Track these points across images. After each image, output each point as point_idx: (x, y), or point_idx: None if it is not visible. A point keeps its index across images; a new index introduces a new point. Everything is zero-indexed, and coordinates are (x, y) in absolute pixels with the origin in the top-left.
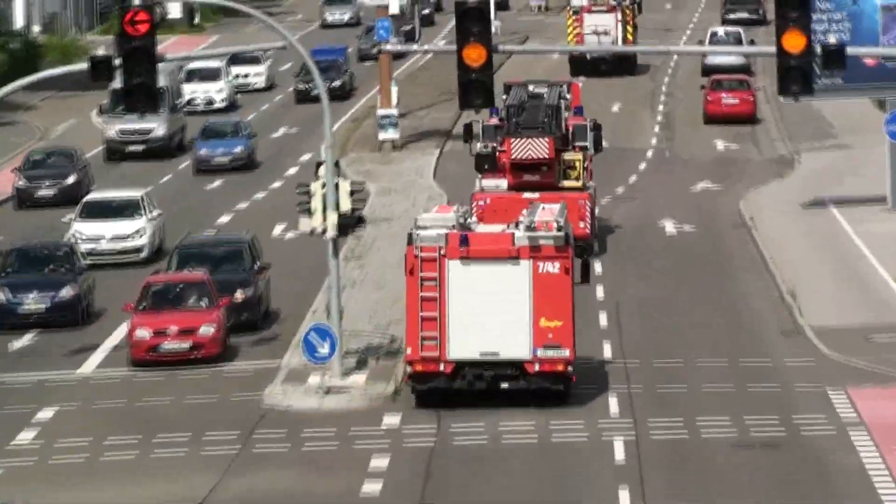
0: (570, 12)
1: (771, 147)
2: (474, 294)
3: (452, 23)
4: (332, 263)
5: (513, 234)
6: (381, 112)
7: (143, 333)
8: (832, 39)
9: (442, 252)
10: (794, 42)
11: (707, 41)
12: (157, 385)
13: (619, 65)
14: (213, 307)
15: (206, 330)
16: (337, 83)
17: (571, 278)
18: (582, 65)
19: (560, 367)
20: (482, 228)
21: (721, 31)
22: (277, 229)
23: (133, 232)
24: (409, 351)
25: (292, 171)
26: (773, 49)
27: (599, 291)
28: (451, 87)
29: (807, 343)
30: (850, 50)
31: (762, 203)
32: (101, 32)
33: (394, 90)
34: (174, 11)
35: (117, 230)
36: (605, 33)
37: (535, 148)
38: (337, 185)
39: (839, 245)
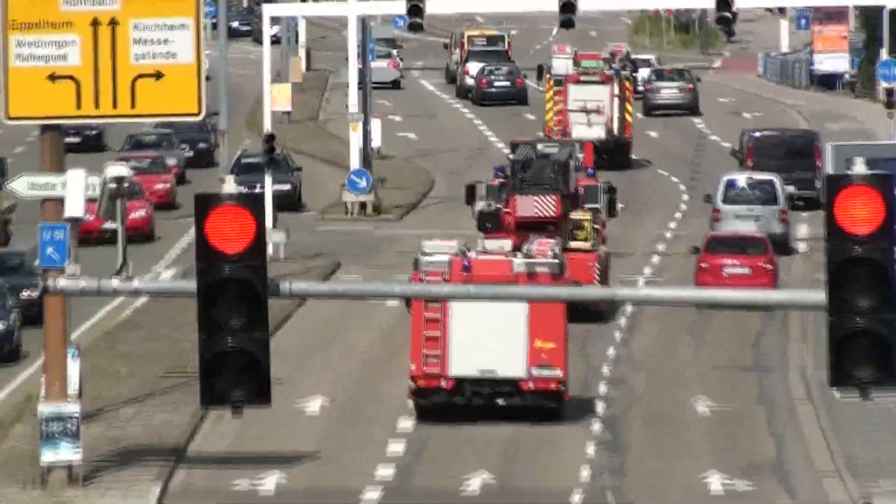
0: (552, 82)
1: (815, 487)
2: (474, 316)
3: (189, 235)
4: None
5: (511, 261)
6: (46, 410)
7: None
8: None
9: (445, 277)
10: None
11: (720, 195)
12: None
13: (614, 156)
14: None
15: None
16: None
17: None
18: None
19: (553, 386)
20: (483, 257)
21: (741, 179)
22: None
23: None
24: (413, 367)
25: None
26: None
27: None
28: (189, 360)
29: None
30: None
31: None
32: None
33: (73, 367)
34: None
35: None
36: (598, 111)
37: (542, 206)
38: None
39: None
